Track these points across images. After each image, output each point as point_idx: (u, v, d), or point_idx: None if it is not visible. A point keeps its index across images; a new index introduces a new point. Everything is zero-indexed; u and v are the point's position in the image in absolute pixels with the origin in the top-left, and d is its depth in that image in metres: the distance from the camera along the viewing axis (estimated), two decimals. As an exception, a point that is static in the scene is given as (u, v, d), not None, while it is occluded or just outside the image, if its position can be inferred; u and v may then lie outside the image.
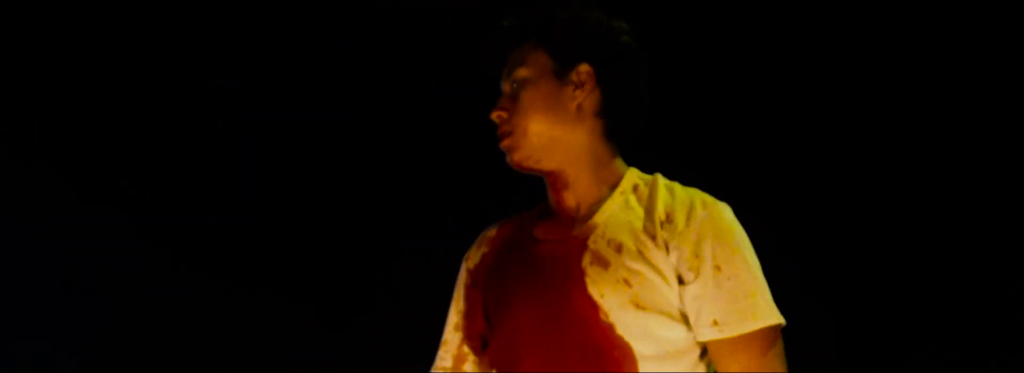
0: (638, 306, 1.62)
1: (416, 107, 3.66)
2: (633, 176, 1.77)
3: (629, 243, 1.65)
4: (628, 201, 1.71)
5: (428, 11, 3.61)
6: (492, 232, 1.91)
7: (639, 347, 1.63)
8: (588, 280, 1.65)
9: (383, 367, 3.51)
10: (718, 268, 1.63)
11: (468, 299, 1.87)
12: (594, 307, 1.64)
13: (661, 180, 1.76)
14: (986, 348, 3.42)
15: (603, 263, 1.64)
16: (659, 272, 1.64)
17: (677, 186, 1.76)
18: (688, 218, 1.65)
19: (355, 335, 3.63)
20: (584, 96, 1.74)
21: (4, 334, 3.53)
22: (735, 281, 1.64)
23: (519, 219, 1.88)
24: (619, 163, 1.79)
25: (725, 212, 1.70)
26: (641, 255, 1.64)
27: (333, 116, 3.66)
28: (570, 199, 1.77)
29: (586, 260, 1.66)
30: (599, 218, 1.71)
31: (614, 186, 1.75)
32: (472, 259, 1.90)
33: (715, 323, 1.63)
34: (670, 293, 1.65)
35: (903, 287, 3.48)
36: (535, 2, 1.85)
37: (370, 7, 3.66)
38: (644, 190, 1.73)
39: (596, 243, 1.67)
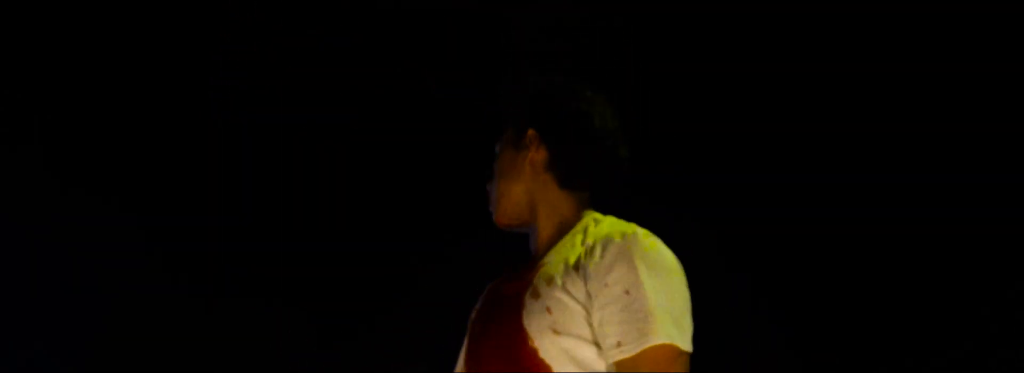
0: (555, 331, 1.78)
1: (416, 107, 3.66)
2: (588, 219, 1.95)
3: (558, 276, 1.83)
4: (574, 240, 1.90)
5: (428, 11, 3.62)
6: (490, 286, 2.09)
7: (558, 369, 1.78)
8: (524, 311, 1.82)
9: (383, 367, 3.51)
10: (627, 292, 1.75)
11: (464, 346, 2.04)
12: (524, 334, 1.80)
13: (608, 218, 1.95)
14: (986, 348, 3.42)
15: (536, 295, 1.83)
16: (576, 299, 1.79)
17: (614, 220, 1.93)
18: (605, 248, 1.81)
19: (354, 335, 3.63)
20: (532, 154, 1.98)
21: (3, 334, 3.54)
22: (640, 303, 1.74)
23: (511, 267, 2.07)
24: (582, 210, 1.99)
25: (643, 240, 1.82)
26: (563, 286, 1.81)
27: (333, 116, 3.66)
28: (536, 245, 1.99)
29: (528, 294, 1.84)
30: (547, 258, 1.90)
31: (570, 225, 1.95)
32: (474, 312, 2.07)
33: (618, 344, 1.74)
34: (587, 319, 1.79)
35: (904, 287, 3.48)
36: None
37: (370, 7, 3.66)
38: (592, 229, 1.91)
39: (538, 278, 1.86)
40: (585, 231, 1.90)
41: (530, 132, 1.99)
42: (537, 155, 1.98)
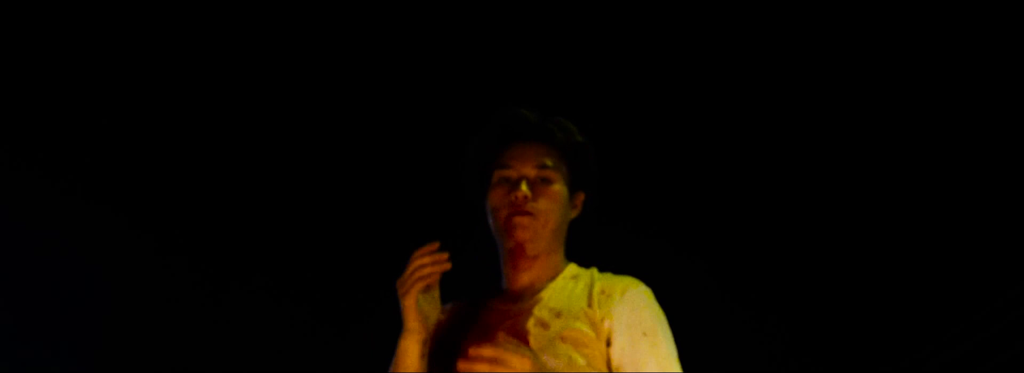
0: (579, 348, 2.15)
1: (415, 107, 3.67)
2: (574, 268, 2.33)
3: (567, 310, 2.19)
4: (567, 284, 2.27)
5: (428, 11, 3.62)
6: (447, 307, 2.37)
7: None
8: (530, 337, 2.16)
9: (383, 367, 3.52)
10: (644, 334, 2.17)
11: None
12: (529, 356, 2.08)
13: (596, 270, 2.31)
14: (986, 348, 3.43)
15: (544, 325, 2.17)
16: (594, 328, 2.17)
17: (611, 274, 2.29)
18: (623, 294, 2.21)
19: (354, 335, 3.64)
20: (574, 213, 2.35)
21: (3, 334, 3.54)
22: (655, 344, 2.18)
23: (471, 298, 2.36)
24: (563, 255, 2.35)
25: (650, 293, 2.24)
26: (577, 318, 2.18)
27: (333, 116, 3.66)
28: (526, 278, 2.29)
29: (530, 323, 2.19)
30: (545, 294, 2.25)
31: (559, 271, 2.31)
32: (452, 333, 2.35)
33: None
34: (596, 344, 2.17)
35: (903, 287, 3.49)
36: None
37: (370, 7, 3.67)
38: (584, 277, 2.29)
39: (541, 311, 2.20)
40: (576, 278, 2.28)
41: (582, 195, 2.35)
42: (576, 216, 2.34)
